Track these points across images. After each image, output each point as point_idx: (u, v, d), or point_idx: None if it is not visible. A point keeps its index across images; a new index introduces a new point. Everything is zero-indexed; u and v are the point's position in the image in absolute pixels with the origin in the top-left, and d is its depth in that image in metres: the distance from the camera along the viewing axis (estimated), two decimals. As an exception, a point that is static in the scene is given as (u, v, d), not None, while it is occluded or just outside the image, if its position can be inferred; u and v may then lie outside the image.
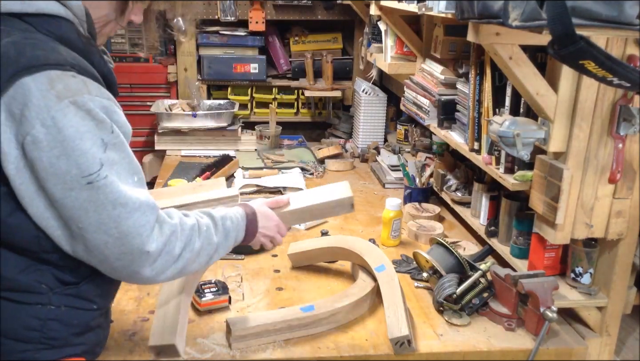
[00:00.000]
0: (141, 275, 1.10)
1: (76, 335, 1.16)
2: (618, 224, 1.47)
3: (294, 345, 1.43)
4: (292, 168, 2.68)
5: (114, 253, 1.06)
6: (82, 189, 1.01)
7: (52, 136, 0.98)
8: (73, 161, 1.00)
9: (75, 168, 1.00)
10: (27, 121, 0.98)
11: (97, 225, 1.03)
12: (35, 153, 0.99)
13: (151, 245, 1.08)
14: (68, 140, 0.99)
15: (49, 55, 1.02)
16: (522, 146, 1.43)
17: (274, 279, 1.75)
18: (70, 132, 0.99)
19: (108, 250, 1.06)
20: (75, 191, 1.01)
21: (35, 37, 1.05)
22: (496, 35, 1.37)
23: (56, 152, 0.99)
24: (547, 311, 1.41)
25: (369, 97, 2.93)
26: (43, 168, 1.00)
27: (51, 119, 0.98)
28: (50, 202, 1.03)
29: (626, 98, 1.37)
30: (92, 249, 1.06)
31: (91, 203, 1.02)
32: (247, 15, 3.00)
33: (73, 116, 1.00)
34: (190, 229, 1.16)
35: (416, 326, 1.52)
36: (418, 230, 2.04)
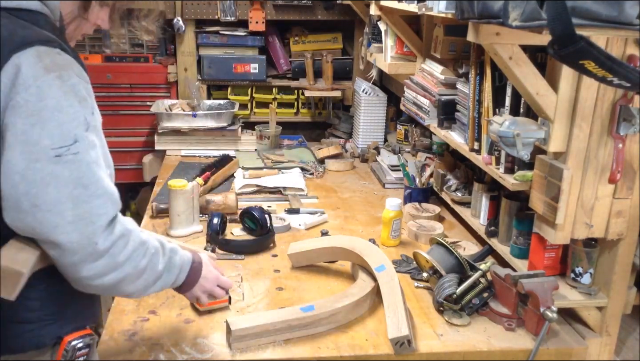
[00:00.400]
0: (78, 270, 1.07)
1: (82, 307, 1.19)
2: (618, 224, 1.47)
3: (294, 345, 1.43)
4: (292, 168, 2.68)
5: (62, 238, 1.04)
6: (48, 161, 1.01)
7: (33, 103, 1.00)
8: (47, 132, 1.00)
9: (47, 139, 1.00)
10: (13, 88, 1.00)
11: (54, 203, 1.02)
12: (11, 118, 1.00)
13: (101, 239, 1.06)
14: (47, 110, 1.01)
15: (37, 33, 1.07)
16: (522, 146, 1.43)
17: (274, 279, 1.75)
18: (51, 102, 1.01)
19: (56, 234, 1.03)
20: (40, 162, 1.00)
21: (21, 22, 1.09)
22: (496, 35, 1.37)
23: (32, 120, 1.00)
24: (547, 311, 1.41)
25: (369, 97, 2.93)
26: (14, 134, 1.00)
27: (36, 87, 1.00)
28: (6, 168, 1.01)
29: (626, 98, 1.38)
30: (40, 228, 1.03)
31: (53, 178, 1.01)
32: (247, 15, 3.00)
33: (57, 88, 1.02)
34: (141, 243, 1.14)
35: (416, 326, 1.52)
36: (418, 230, 2.04)
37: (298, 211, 2.21)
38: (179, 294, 1.64)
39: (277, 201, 2.35)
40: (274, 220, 2.02)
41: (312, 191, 2.49)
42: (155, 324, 1.50)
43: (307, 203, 2.35)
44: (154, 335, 1.46)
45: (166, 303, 1.60)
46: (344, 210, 2.29)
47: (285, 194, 2.41)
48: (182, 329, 1.49)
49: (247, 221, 2.02)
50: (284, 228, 2.07)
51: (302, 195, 2.42)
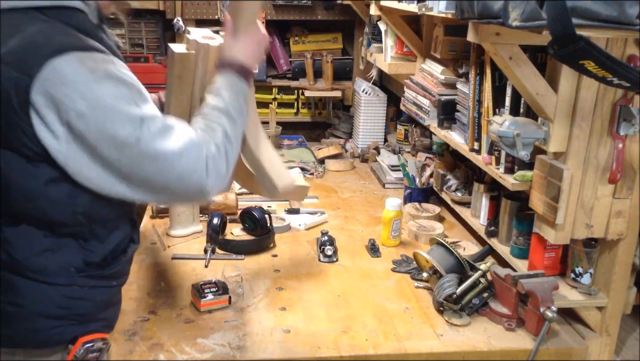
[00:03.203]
0: (207, 197, 1.21)
1: (99, 311, 1.25)
2: (618, 224, 1.47)
3: (294, 345, 1.43)
4: (292, 168, 2.68)
5: (179, 192, 1.17)
6: (133, 146, 1.09)
7: (94, 106, 1.06)
8: (118, 124, 1.08)
9: (121, 129, 1.08)
10: (67, 98, 1.05)
11: (156, 173, 1.13)
12: (82, 126, 1.06)
13: (207, 178, 1.17)
14: (109, 107, 1.08)
15: (73, 40, 1.10)
16: (522, 146, 1.43)
17: (274, 279, 1.75)
18: (108, 99, 1.08)
19: (173, 191, 1.16)
20: (128, 148, 1.09)
21: (57, 25, 1.13)
22: (496, 35, 1.37)
23: (101, 120, 1.07)
24: (547, 311, 1.41)
25: (369, 97, 2.93)
26: (93, 138, 1.07)
27: (90, 91, 1.06)
28: (107, 165, 1.11)
29: (626, 98, 1.38)
30: (158, 192, 1.16)
31: (145, 156, 1.11)
32: (247, 15, 3.00)
33: (107, 84, 1.08)
34: (223, 144, 1.23)
35: (416, 326, 1.52)
36: (418, 230, 2.04)
37: (298, 211, 2.21)
38: (179, 294, 1.65)
39: (277, 201, 2.34)
40: (274, 220, 2.02)
41: (312, 191, 2.48)
42: (155, 324, 1.50)
43: (307, 203, 2.35)
44: (154, 335, 1.46)
45: (166, 303, 1.60)
46: (344, 210, 2.29)
47: (285, 194, 2.41)
48: (182, 329, 1.49)
49: (247, 221, 2.02)
50: (284, 228, 2.07)
51: (302, 195, 2.42)
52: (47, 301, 1.17)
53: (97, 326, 1.25)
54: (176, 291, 1.66)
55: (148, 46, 3.11)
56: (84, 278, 1.19)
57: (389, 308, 1.60)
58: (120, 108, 1.09)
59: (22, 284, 1.15)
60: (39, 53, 1.05)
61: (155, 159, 1.12)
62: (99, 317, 1.25)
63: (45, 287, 1.16)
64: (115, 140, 1.08)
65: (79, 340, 1.21)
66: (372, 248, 1.94)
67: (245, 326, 1.50)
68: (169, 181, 1.14)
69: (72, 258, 1.18)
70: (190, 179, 1.15)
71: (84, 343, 1.21)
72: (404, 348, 1.44)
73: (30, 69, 1.04)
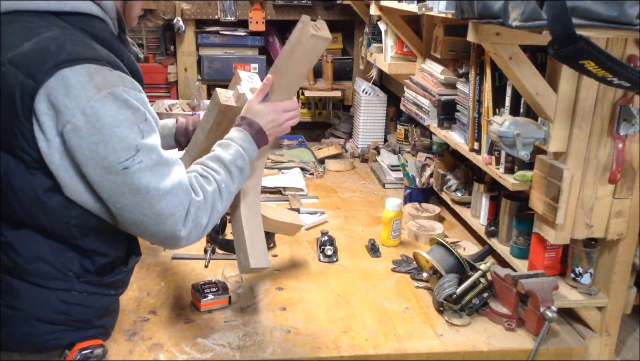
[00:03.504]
0: (177, 245, 1.19)
1: (97, 318, 1.25)
2: (618, 224, 1.47)
3: (294, 345, 1.43)
4: (292, 168, 2.68)
5: (150, 231, 1.14)
6: (118, 173, 1.07)
7: (91, 124, 1.04)
8: (110, 148, 1.06)
9: (112, 154, 1.06)
10: (67, 110, 1.03)
11: (133, 206, 1.10)
12: (75, 141, 1.05)
13: (183, 226, 1.15)
14: (106, 128, 1.05)
15: (86, 50, 1.08)
16: (522, 146, 1.43)
17: (274, 279, 1.75)
18: (108, 120, 1.05)
19: (144, 228, 1.14)
20: (112, 175, 1.07)
21: (73, 33, 1.11)
22: (496, 35, 1.37)
23: (95, 139, 1.05)
24: (547, 311, 1.41)
25: (369, 97, 2.93)
26: (82, 154, 1.06)
27: (91, 108, 1.04)
28: (89, 185, 1.09)
29: (626, 98, 1.38)
30: (130, 226, 1.14)
31: (127, 186, 1.09)
32: (247, 15, 3.00)
33: (111, 105, 1.05)
34: (212, 195, 1.22)
35: (416, 326, 1.52)
36: (418, 230, 2.04)
37: (298, 211, 2.21)
38: (179, 294, 1.65)
39: (277, 201, 2.35)
40: (274, 220, 2.02)
41: (312, 191, 2.49)
42: (155, 324, 1.50)
43: (307, 203, 2.35)
44: (154, 335, 1.46)
45: (166, 303, 1.60)
46: (344, 210, 2.29)
47: (285, 194, 2.41)
48: (182, 329, 1.49)
49: (247, 221, 2.01)
50: (284, 228, 2.07)
51: (302, 195, 2.42)
52: (45, 306, 1.16)
53: (94, 333, 1.25)
54: (176, 291, 1.66)
55: (148, 46, 3.11)
56: (82, 283, 1.19)
57: (389, 308, 1.61)
58: (118, 133, 1.06)
59: (21, 287, 1.14)
60: (49, 61, 1.03)
61: (136, 193, 1.09)
62: (96, 324, 1.25)
63: (44, 291, 1.16)
64: (103, 162, 1.06)
65: (75, 345, 1.20)
66: (372, 248, 1.94)
67: (245, 326, 1.50)
68: (144, 217, 1.12)
69: (71, 264, 1.17)
70: (165, 222, 1.13)
71: (81, 350, 1.21)
72: (404, 348, 1.44)
73: (39, 75, 1.03)
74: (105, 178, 1.07)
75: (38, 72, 1.03)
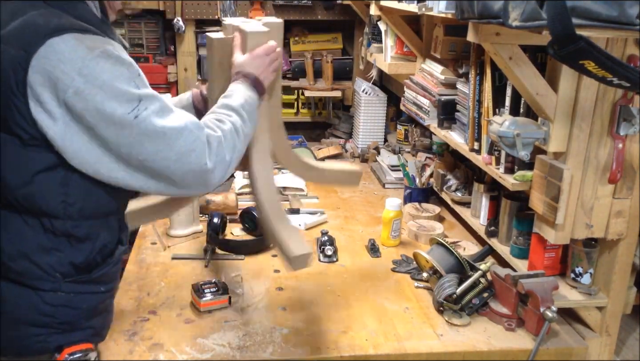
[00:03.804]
0: (208, 185, 1.20)
1: (85, 319, 1.21)
2: (618, 224, 1.47)
3: (294, 345, 1.43)
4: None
5: (178, 175, 1.15)
6: (132, 125, 1.09)
7: (91, 83, 1.06)
8: (115, 102, 1.08)
9: (119, 107, 1.08)
10: (64, 75, 1.05)
11: (155, 152, 1.12)
12: (81, 104, 1.06)
13: (208, 159, 1.17)
14: (106, 85, 1.07)
15: (73, 22, 1.12)
16: (522, 146, 1.43)
17: (274, 279, 1.75)
18: (106, 77, 1.07)
19: (172, 174, 1.14)
20: (127, 128, 1.09)
21: (58, 12, 1.14)
22: (496, 35, 1.37)
23: (99, 98, 1.06)
24: (547, 311, 1.41)
25: (369, 97, 2.93)
26: (92, 116, 1.07)
27: (87, 68, 1.06)
28: (105, 147, 1.10)
29: (626, 98, 1.38)
30: (158, 176, 1.14)
31: (144, 135, 1.10)
32: (247, 15, 3.00)
33: (105, 62, 1.08)
34: (230, 134, 1.24)
35: (416, 326, 1.52)
36: (418, 230, 2.04)
37: (298, 211, 2.21)
38: (179, 294, 1.65)
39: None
40: (274, 220, 2.01)
41: (312, 191, 2.48)
42: (155, 324, 1.50)
43: (307, 203, 2.35)
44: (154, 335, 1.46)
45: (166, 303, 1.60)
46: (344, 210, 2.29)
47: (285, 194, 2.41)
48: (182, 329, 1.49)
49: (247, 221, 2.02)
50: (284, 228, 2.07)
51: (302, 195, 2.42)
52: (30, 308, 1.14)
53: (84, 335, 1.21)
54: (176, 291, 1.66)
55: (148, 46, 3.11)
56: (69, 283, 1.16)
57: (389, 308, 1.61)
58: (118, 86, 1.08)
59: (5, 288, 1.13)
60: (38, 32, 1.06)
61: (154, 137, 1.11)
62: (84, 326, 1.21)
63: (29, 293, 1.14)
64: (114, 118, 1.07)
65: (64, 350, 1.18)
66: (372, 248, 1.94)
67: (245, 326, 1.50)
68: (168, 160, 1.13)
69: (58, 262, 1.14)
70: (188, 159, 1.14)
71: (70, 354, 1.18)
72: (404, 348, 1.44)
73: (29, 47, 1.05)
74: (121, 134, 1.09)
75: (28, 44, 1.05)
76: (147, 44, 3.11)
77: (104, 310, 1.27)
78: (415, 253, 1.72)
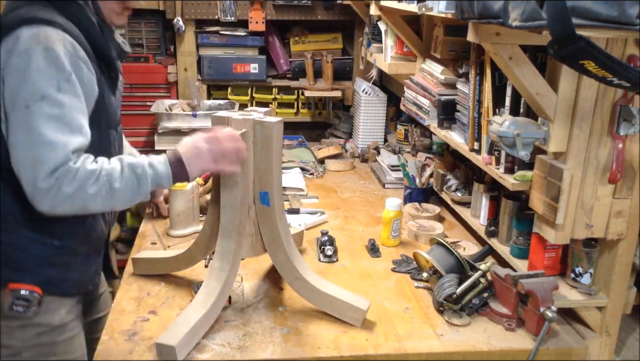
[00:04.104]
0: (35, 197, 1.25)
1: (37, 266, 1.37)
2: (618, 224, 1.48)
3: (294, 345, 1.43)
4: (292, 168, 2.68)
5: (22, 174, 1.25)
6: (20, 110, 1.24)
7: (21, 66, 1.24)
8: (24, 87, 1.24)
9: (23, 92, 1.24)
10: (11, 53, 1.25)
11: (20, 144, 1.24)
12: (7, 77, 1.25)
13: (44, 178, 1.23)
14: (29, 71, 1.24)
15: (49, 17, 1.29)
16: (522, 146, 1.43)
17: (274, 279, 1.75)
18: (33, 65, 1.24)
19: (20, 169, 1.25)
20: (16, 111, 1.25)
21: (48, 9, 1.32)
22: (496, 36, 1.37)
23: (18, 78, 1.24)
24: (547, 311, 1.41)
25: (369, 97, 2.93)
26: (7, 90, 1.25)
27: (26, 54, 1.24)
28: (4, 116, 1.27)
29: (626, 98, 1.38)
30: (14, 166, 1.26)
31: (22, 124, 1.24)
32: (247, 15, 3.00)
33: (41, 56, 1.24)
34: (88, 173, 1.27)
35: (416, 326, 1.52)
36: (418, 230, 2.04)
37: (298, 211, 2.21)
38: (179, 294, 1.65)
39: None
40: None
41: (312, 191, 2.49)
42: (155, 324, 1.50)
43: (307, 203, 2.35)
44: (154, 335, 1.46)
45: (166, 303, 1.60)
46: (344, 210, 2.29)
47: (285, 194, 2.41)
48: (182, 329, 1.49)
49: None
50: (284, 228, 2.07)
51: (302, 195, 2.42)
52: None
53: (35, 280, 1.36)
54: (176, 291, 1.66)
55: (148, 46, 3.11)
56: (21, 227, 1.34)
57: (389, 308, 1.61)
58: (35, 78, 1.23)
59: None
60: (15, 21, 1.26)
61: (26, 131, 1.23)
62: (36, 271, 1.37)
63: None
64: (14, 98, 1.24)
65: (8, 285, 1.33)
66: (372, 248, 1.94)
67: (245, 326, 1.50)
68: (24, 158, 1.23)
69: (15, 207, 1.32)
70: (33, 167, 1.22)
71: (13, 290, 1.33)
72: (404, 348, 1.44)
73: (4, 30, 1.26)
74: (12, 112, 1.25)
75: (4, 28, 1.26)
76: (147, 44, 3.11)
77: (62, 264, 1.41)
78: (415, 253, 1.72)
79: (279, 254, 1.55)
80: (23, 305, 1.35)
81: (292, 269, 1.55)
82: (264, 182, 1.51)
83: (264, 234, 1.56)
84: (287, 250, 1.54)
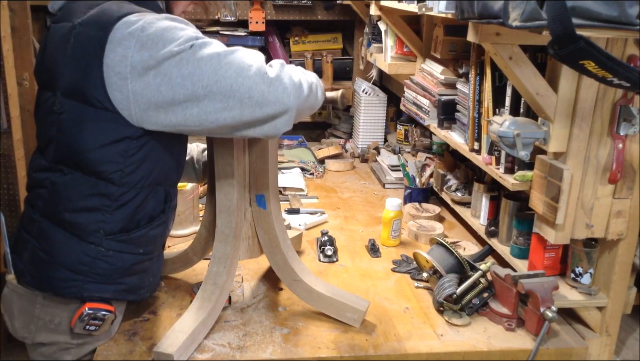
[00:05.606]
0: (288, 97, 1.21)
1: (119, 275, 1.36)
2: (618, 224, 1.48)
3: (294, 345, 1.43)
4: (292, 168, 2.68)
5: (241, 89, 1.19)
6: (188, 52, 1.18)
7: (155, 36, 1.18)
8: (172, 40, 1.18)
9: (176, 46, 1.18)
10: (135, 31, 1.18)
11: (214, 71, 1.19)
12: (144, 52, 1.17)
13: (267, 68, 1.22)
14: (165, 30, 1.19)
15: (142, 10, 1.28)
16: (522, 146, 1.43)
17: (274, 279, 1.75)
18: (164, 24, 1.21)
19: (236, 89, 1.19)
20: (185, 59, 1.18)
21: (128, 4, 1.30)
22: (496, 36, 1.37)
23: (160, 45, 1.18)
24: (547, 311, 1.41)
25: (369, 97, 2.93)
26: (155, 59, 1.17)
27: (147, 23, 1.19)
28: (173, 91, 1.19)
29: (626, 98, 1.38)
30: (226, 98, 1.19)
31: (201, 60, 1.19)
32: (247, 15, 3.00)
33: (167, 20, 1.22)
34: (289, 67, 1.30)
35: (416, 326, 1.52)
36: (418, 230, 2.04)
37: (298, 211, 2.21)
38: (179, 294, 1.65)
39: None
40: (274, 220, 2.01)
41: (312, 191, 2.49)
42: (155, 324, 1.50)
43: (307, 203, 2.36)
44: (153, 335, 1.46)
45: (166, 303, 1.60)
46: (344, 210, 2.29)
47: (285, 194, 2.41)
48: (182, 329, 1.49)
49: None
50: (284, 228, 2.07)
51: (302, 195, 2.42)
52: (72, 255, 1.30)
53: (117, 290, 1.36)
54: (176, 291, 1.66)
55: (148, 46, 3.10)
56: (110, 240, 1.31)
57: (389, 308, 1.61)
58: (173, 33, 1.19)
59: (59, 234, 1.30)
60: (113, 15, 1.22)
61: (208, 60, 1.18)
62: (117, 281, 1.36)
63: (76, 242, 1.29)
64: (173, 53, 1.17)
65: (85, 304, 1.32)
66: (372, 248, 1.94)
67: (245, 327, 1.50)
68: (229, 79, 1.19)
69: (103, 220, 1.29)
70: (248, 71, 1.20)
71: (89, 308, 1.32)
72: (404, 348, 1.44)
73: (106, 27, 1.20)
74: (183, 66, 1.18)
75: (105, 25, 1.20)
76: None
77: (141, 271, 1.41)
78: (415, 253, 1.72)
79: (276, 256, 1.55)
80: (96, 325, 1.34)
81: (290, 271, 1.54)
82: (259, 184, 1.51)
83: (260, 236, 1.55)
84: (284, 252, 1.54)
